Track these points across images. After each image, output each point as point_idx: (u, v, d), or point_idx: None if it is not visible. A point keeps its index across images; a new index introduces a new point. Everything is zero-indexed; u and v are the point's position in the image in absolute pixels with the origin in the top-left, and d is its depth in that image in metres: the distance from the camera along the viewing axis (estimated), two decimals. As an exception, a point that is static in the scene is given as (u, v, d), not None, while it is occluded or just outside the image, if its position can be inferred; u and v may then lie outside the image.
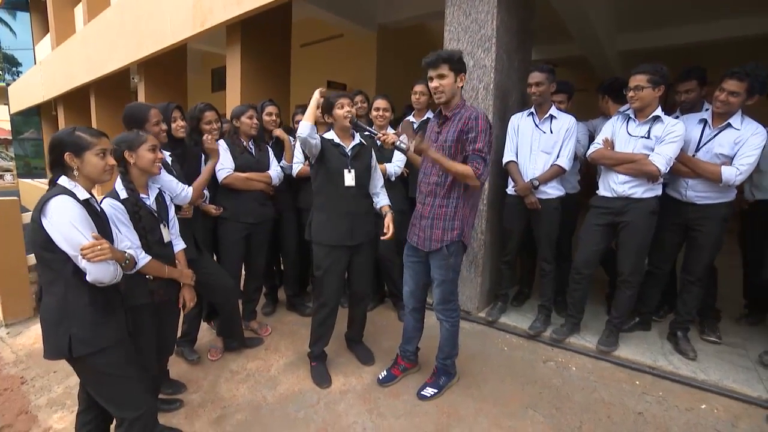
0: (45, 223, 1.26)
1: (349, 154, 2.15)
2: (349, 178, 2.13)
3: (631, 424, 1.91)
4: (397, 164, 2.74)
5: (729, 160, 2.17)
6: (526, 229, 2.69)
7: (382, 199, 2.30)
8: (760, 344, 2.48)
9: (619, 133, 2.34)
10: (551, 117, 2.53)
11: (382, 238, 2.18)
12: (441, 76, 1.82)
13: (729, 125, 2.17)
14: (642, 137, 2.23)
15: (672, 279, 2.75)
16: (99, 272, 1.29)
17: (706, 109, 2.36)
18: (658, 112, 2.20)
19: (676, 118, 2.32)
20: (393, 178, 2.74)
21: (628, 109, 2.35)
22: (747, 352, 2.45)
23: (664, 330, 2.64)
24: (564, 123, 2.50)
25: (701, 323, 2.65)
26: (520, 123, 2.64)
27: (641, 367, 2.31)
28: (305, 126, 1.97)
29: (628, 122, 2.33)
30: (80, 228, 1.27)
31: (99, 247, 1.27)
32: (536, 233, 2.65)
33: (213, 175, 2.47)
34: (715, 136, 2.21)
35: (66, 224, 1.26)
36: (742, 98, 2.09)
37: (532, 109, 2.60)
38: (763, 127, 2.14)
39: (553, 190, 2.55)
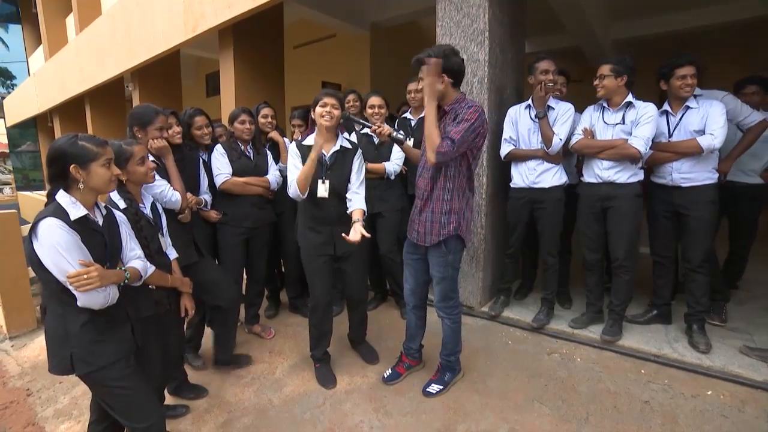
0: (36, 245, 1.24)
1: (327, 162, 2.08)
2: (322, 189, 2.04)
3: (637, 412, 1.91)
4: (396, 163, 2.72)
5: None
6: (529, 222, 2.69)
7: (355, 202, 2.08)
8: (764, 328, 2.47)
9: (597, 123, 2.43)
10: (548, 108, 2.52)
11: (347, 238, 1.89)
12: (421, 79, 1.84)
13: (687, 107, 2.31)
14: (617, 124, 2.33)
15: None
16: (88, 300, 1.27)
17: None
18: (630, 98, 2.31)
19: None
20: (393, 177, 2.73)
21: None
22: (752, 336, 2.44)
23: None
24: (560, 110, 2.50)
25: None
26: (518, 117, 2.63)
27: (646, 356, 2.30)
28: (294, 191, 2.01)
29: (603, 112, 2.41)
30: (66, 255, 1.22)
31: (86, 276, 1.22)
32: (540, 226, 2.64)
33: (212, 181, 2.47)
34: (680, 119, 2.33)
35: (52, 250, 1.22)
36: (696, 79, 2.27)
37: (529, 102, 2.59)
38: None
39: (554, 179, 2.54)
